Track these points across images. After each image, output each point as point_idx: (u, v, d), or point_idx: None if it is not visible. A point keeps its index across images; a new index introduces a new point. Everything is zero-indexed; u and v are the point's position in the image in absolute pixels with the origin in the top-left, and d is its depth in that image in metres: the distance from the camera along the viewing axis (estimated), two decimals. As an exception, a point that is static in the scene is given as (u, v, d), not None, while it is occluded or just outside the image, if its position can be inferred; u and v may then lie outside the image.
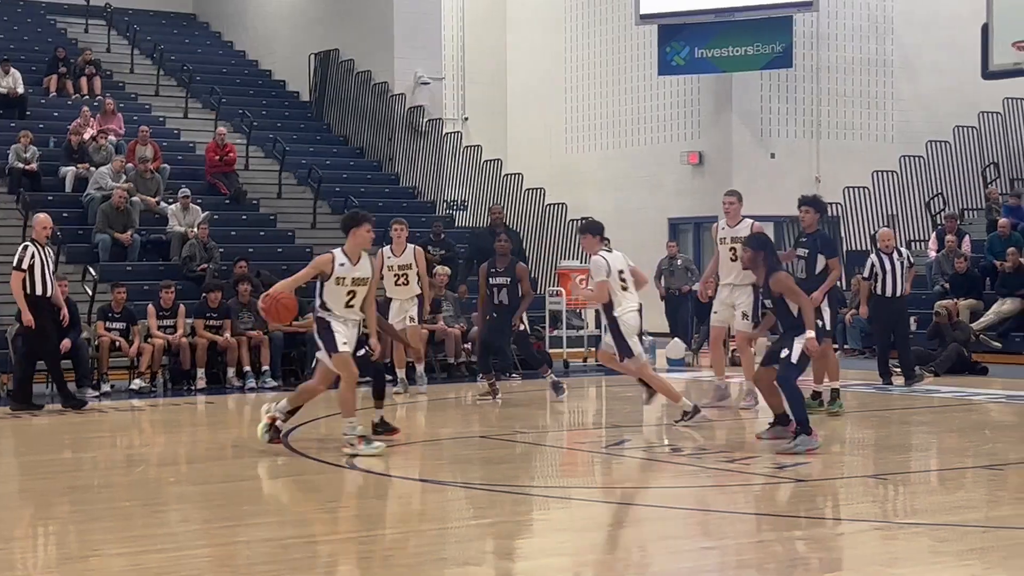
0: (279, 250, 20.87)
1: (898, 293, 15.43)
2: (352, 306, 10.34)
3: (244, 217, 21.71)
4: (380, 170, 25.35)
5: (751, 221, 12.86)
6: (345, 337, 10.24)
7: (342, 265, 10.35)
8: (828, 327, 12.48)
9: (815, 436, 10.11)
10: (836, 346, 20.50)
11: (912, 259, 16.04)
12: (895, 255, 15.55)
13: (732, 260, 12.75)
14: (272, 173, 23.43)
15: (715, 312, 13.18)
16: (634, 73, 27.53)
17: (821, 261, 12.42)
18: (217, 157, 22.02)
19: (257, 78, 28.17)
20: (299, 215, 22.55)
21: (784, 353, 10.18)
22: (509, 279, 14.53)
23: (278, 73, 28.12)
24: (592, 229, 12.22)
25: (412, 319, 14.91)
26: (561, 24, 29.24)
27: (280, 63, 28.04)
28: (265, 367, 16.65)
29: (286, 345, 17.02)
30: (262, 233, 21.38)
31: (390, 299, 14.97)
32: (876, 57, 26.48)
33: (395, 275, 14.84)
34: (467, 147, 25.27)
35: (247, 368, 16.56)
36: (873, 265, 15.36)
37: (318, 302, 10.37)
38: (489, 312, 14.64)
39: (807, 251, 12.52)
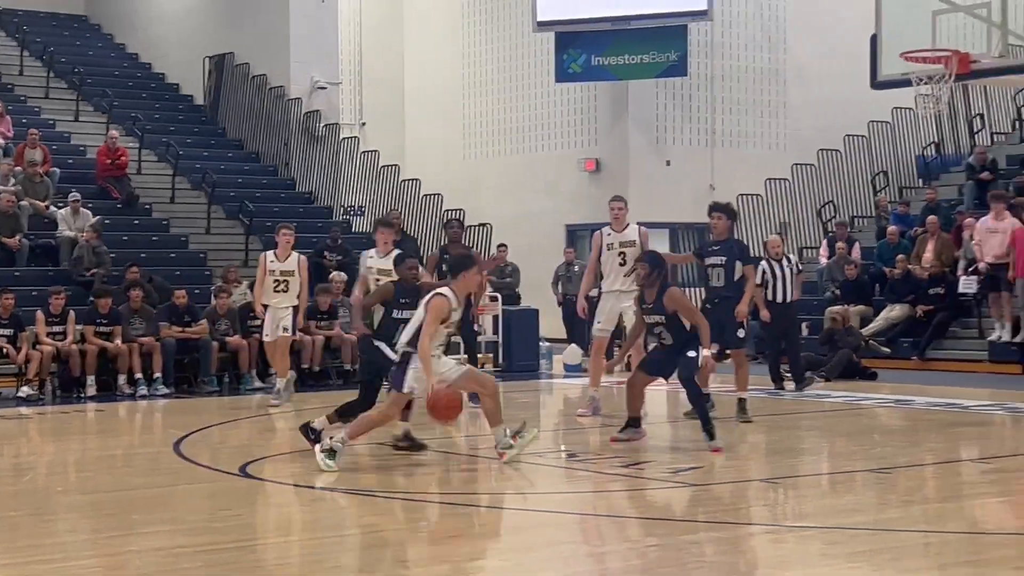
0: (172, 255, 20.62)
1: (788, 299, 15.68)
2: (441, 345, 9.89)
3: (136, 222, 21.40)
4: (276, 175, 25.14)
5: (638, 226, 12.91)
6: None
7: (454, 310, 9.82)
8: (746, 336, 12.67)
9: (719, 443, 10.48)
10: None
11: (800, 266, 16.29)
12: (784, 262, 15.80)
13: (621, 265, 12.72)
14: (165, 177, 23.12)
15: (599, 322, 13.01)
16: (532, 80, 27.64)
17: (739, 268, 12.49)
18: (109, 161, 21.69)
19: (150, 81, 27.79)
20: (193, 220, 22.28)
21: (691, 353, 10.29)
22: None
23: (172, 76, 27.77)
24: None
25: (286, 329, 14.71)
26: (458, 30, 29.26)
27: (174, 66, 27.70)
28: (157, 374, 16.43)
29: (179, 351, 16.80)
30: (155, 238, 21.10)
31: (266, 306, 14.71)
32: (769, 67, 26.88)
33: (276, 280, 14.65)
34: (364, 152, 25.17)
35: (138, 375, 16.31)
36: (764, 272, 15.56)
37: (407, 338, 9.77)
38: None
39: (724, 258, 12.51)
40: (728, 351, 13.03)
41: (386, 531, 7.95)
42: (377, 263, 12.54)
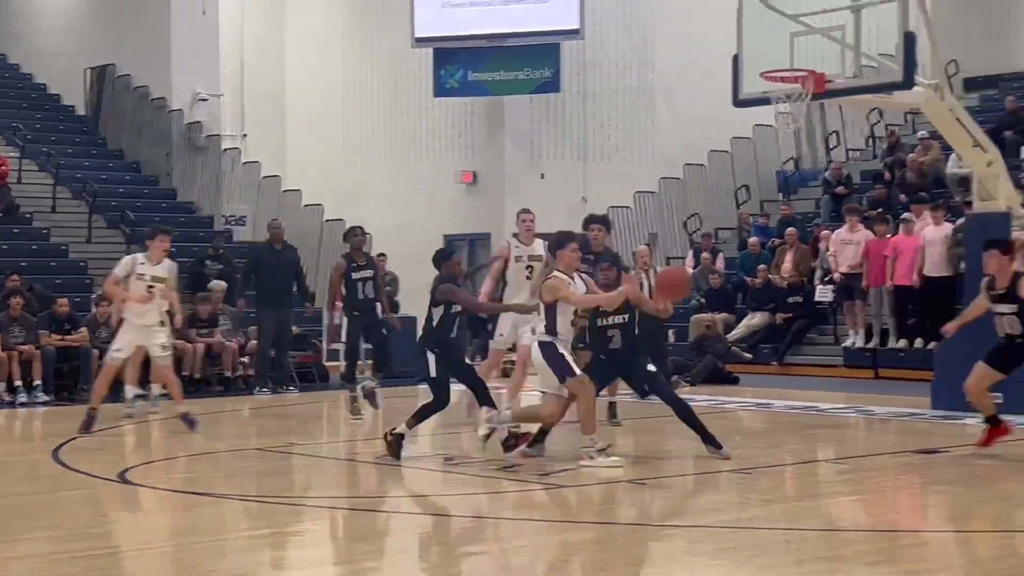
0: (52, 264, 20.19)
1: None
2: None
3: (16, 231, 20.91)
4: (157, 185, 24.74)
5: (542, 240, 12.54)
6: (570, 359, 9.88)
7: (571, 284, 9.96)
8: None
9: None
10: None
11: None
12: (652, 272, 15.97)
13: (527, 279, 12.40)
14: (46, 187, 22.63)
15: (500, 335, 12.74)
16: (411, 94, 27.57)
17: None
18: (-11, 170, 21.16)
19: (31, 91, 27.16)
20: (73, 229, 21.83)
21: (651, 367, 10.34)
22: (372, 271, 13.77)
23: (53, 87, 27.17)
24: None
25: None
26: (339, 45, 29.08)
27: (55, 77, 27.10)
28: (37, 381, 16.04)
29: (59, 359, 16.43)
30: (35, 247, 20.62)
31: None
32: (638, 85, 27.16)
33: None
34: (246, 163, 24.89)
35: (18, 383, 15.91)
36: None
37: (544, 327, 9.83)
38: (351, 309, 13.78)
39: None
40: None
41: (264, 536, 7.85)
42: (150, 270, 12.28)
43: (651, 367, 10.56)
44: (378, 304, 14.31)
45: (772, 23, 12.80)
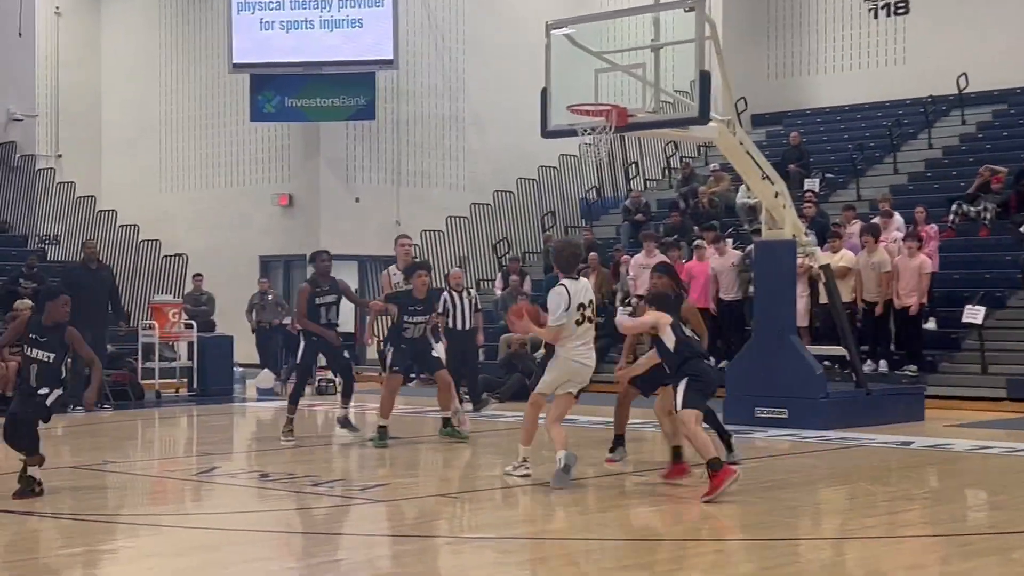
0: None
1: (467, 327, 15.96)
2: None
3: None
4: (-31, 204, 23.79)
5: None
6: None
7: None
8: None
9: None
10: (413, 376, 20.95)
11: (479, 300, 16.59)
12: (464, 293, 16.09)
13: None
14: None
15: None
16: (227, 118, 27.15)
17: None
18: None
19: None
20: None
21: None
22: (336, 296, 13.15)
23: None
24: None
25: None
26: (156, 68, 28.45)
27: None
28: None
29: None
30: None
31: None
32: (450, 113, 27.30)
33: None
34: (60, 183, 24.10)
35: None
36: (445, 301, 15.81)
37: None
38: (312, 332, 12.98)
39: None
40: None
41: (78, 554, 7.58)
42: None
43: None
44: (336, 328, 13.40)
45: (578, 59, 13.03)
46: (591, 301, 10.01)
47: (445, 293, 15.91)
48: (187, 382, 19.30)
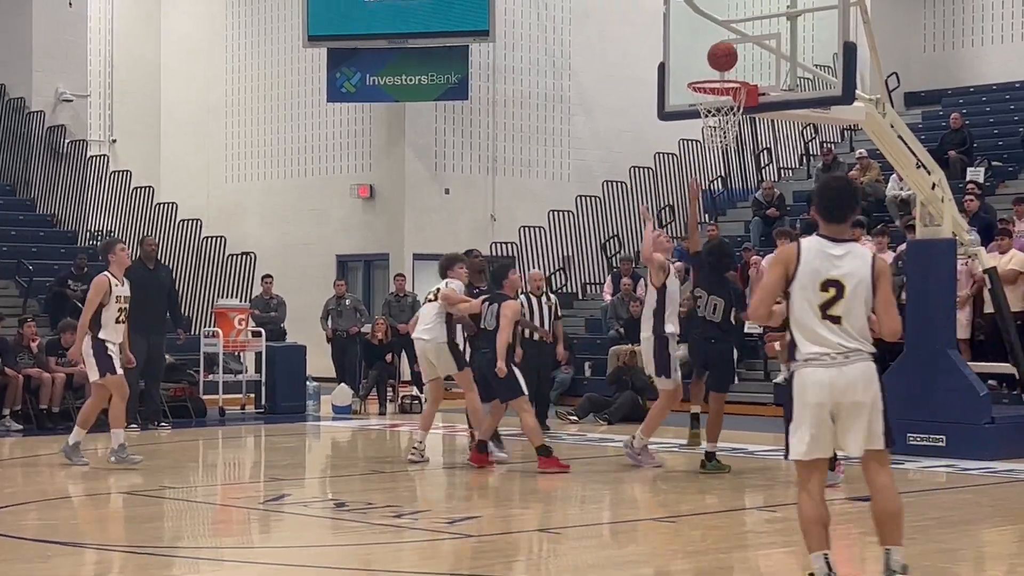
0: None
1: (544, 337, 16.13)
2: None
3: None
4: (14, 195, 24.37)
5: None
6: None
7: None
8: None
9: (839, 473, 11.14)
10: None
11: (559, 307, 16.64)
12: (544, 298, 16.21)
13: None
14: None
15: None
16: (301, 99, 27.49)
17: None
18: None
19: None
20: (-82, 243, 21.43)
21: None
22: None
23: None
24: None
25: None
26: (221, 42, 28.91)
27: (-102, 71, 26.57)
28: None
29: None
30: None
31: None
32: (553, 93, 27.35)
33: (120, 308, 13.11)
34: (115, 172, 24.60)
35: None
36: (522, 307, 15.98)
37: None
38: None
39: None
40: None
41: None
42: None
43: None
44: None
45: (702, 30, 12.97)
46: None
47: (522, 297, 16.04)
48: (254, 397, 19.58)
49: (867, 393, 6.58)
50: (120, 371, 12.82)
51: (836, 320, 6.62)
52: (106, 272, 12.93)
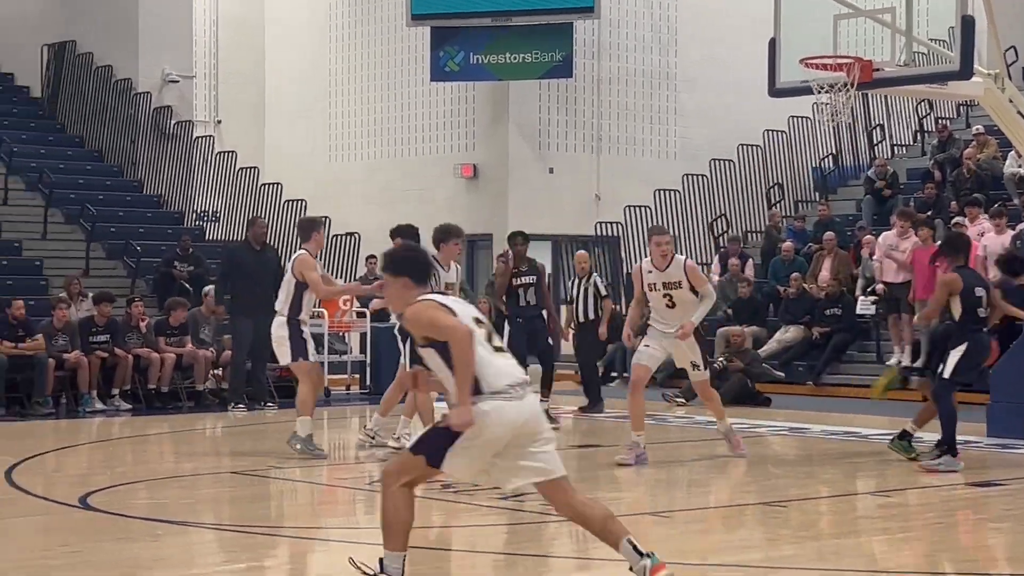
0: (3, 262, 20.23)
1: (589, 318, 16.20)
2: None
3: (-36, 226, 20.98)
4: (121, 176, 24.78)
5: (683, 259, 11.92)
6: None
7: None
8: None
9: (959, 460, 11.19)
10: (615, 374, 21.00)
11: (600, 287, 16.66)
12: (587, 280, 16.33)
13: (669, 307, 11.83)
14: (-3, 177, 22.68)
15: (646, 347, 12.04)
16: (405, 78, 27.60)
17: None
18: (-67, 157, 21.20)
19: (-19, 70, 27.23)
20: (27, 224, 21.88)
21: (940, 368, 11.35)
22: (535, 277, 15.14)
23: (6, 65, 27.19)
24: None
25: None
26: (325, 22, 29.13)
27: (8, 54, 27.11)
28: (-14, 393, 16.09)
29: (10, 369, 16.46)
30: (-16, 244, 20.70)
31: None
32: (659, 70, 27.20)
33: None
34: (220, 153, 24.93)
35: (-35, 395, 15.97)
36: (571, 288, 16.32)
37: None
38: (514, 316, 15.03)
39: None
40: None
41: (240, 570, 7.85)
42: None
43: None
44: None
45: (814, 3, 12.85)
46: None
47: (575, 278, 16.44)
48: (359, 378, 19.76)
49: None
50: (313, 357, 12.65)
51: None
52: (306, 250, 12.67)
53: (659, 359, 12.22)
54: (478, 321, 6.64)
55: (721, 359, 18.45)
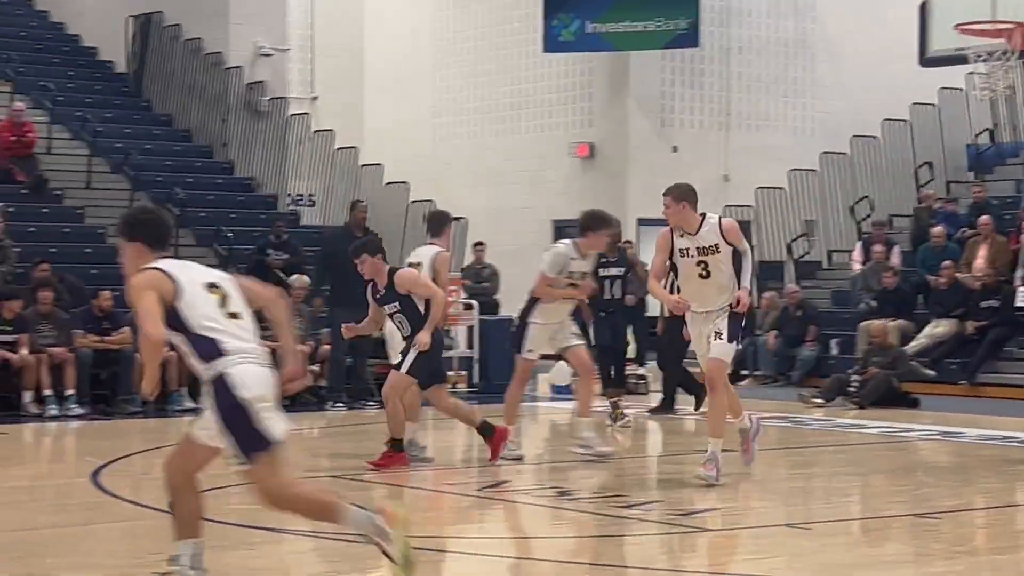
0: (87, 250, 20.55)
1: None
2: None
3: (45, 210, 21.34)
4: (211, 157, 25.12)
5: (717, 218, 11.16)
6: None
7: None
8: None
9: None
10: (745, 372, 20.90)
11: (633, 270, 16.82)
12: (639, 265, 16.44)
13: (703, 277, 10.85)
14: (80, 158, 23.06)
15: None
16: (515, 50, 27.67)
17: None
18: (12, 138, 21.63)
19: (63, 44, 27.71)
20: (112, 209, 22.10)
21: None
22: (624, 269, 15.45)
23: (88, 39, 27.69)
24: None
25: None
26: (429, -11, 29.30)
27: (91, 27, 27.61)
28: (70, 391, 16.37)
29: (95, 364, 16.76)
30: (67, 230, 21.04)
31: None
32: (795, 38, 26.98)
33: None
34: (316, 132, 25.14)
35: (47, 392, 16.25)
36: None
37: None
38: (598, 310, 15.22)
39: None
40: None
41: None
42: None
43: None
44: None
45: (969, -37, 12.66)
46: None
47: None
48: (466, 375, 19.83)
49: None
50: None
51: None
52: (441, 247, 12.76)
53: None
54: (212, 286, 6.96)
55: (862, 362, 18.25)
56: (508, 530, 9.71)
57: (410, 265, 12.89)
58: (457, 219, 22.96)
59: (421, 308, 11.63)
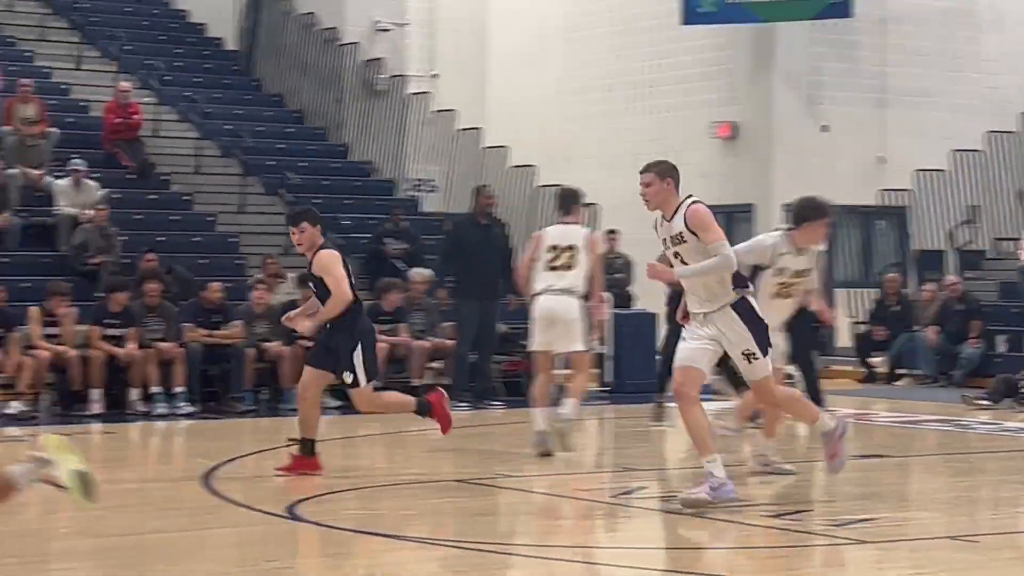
0: (197, 239, 20.82)
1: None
2: None
3: (152, 197, 21.64)
4: (325, 139, 25.31)
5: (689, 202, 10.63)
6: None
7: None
8: None
9: None
10: (903, 371, 20.67)
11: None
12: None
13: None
14: (188, 141, 23.36)
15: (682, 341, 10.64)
16: (651, 22, 27.56)
17: None
18: (117, 120, 21.92)
19: (170, 20, 28.06)
20: (222, 195, 22.48)
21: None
22: None
23: (196, 15, 28.04)
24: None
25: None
26: (558, -42, 29.29)
27: (199, 2, 27.95)
28: (179, 388, 16.61)
29: (206, 360, 16.98)
30: (175, 217, 21.32)
31: None
32: (958, 7, 26.61)
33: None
34: (437, 112, 25.24)
35: (155, 389, 16.50)
36: None
37: None
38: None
39: None
40: None
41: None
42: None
43: None
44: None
45: None
46: None
47: None
48: (599, 373, 19.81)
49: None
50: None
51: None
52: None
53: (711, 353, 10.25)
54: None
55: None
56: (651, 540, 9.68)
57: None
58: (588, 205, 23.01)
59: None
